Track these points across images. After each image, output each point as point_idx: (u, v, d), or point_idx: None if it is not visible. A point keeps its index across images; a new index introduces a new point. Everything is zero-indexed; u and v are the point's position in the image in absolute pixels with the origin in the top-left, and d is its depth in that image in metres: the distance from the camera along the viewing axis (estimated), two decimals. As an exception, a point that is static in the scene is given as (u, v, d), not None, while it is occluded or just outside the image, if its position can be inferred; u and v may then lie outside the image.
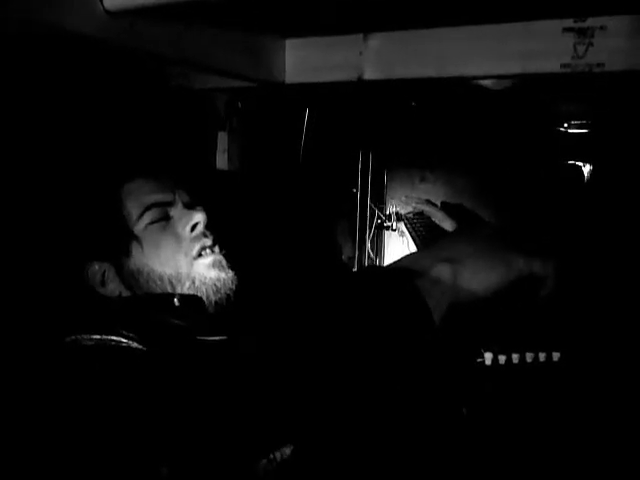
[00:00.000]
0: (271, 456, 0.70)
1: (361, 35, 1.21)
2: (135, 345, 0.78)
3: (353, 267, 2.01)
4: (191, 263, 0.90)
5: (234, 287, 0.92)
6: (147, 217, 0.89)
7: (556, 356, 1.07)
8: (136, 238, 0.88)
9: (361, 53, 1.21)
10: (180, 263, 0.89)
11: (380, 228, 2.01)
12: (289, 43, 1.30)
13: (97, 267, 0.89)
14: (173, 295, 0.87)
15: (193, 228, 0.91)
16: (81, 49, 1.03)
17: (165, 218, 0.91)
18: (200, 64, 1.14)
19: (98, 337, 0.78)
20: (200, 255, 0.91)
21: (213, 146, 1.50)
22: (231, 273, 0.92)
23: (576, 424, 1.08)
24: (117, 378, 0.73)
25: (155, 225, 0.90)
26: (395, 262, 0.76)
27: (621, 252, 1.56)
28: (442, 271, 0.71)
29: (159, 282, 0.88)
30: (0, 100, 1.05)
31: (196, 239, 0.91)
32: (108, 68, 1.18)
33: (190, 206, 0.94)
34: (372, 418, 0.81)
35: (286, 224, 1.67)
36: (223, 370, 0.76)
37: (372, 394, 0.74)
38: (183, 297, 0.87)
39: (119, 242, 0.89)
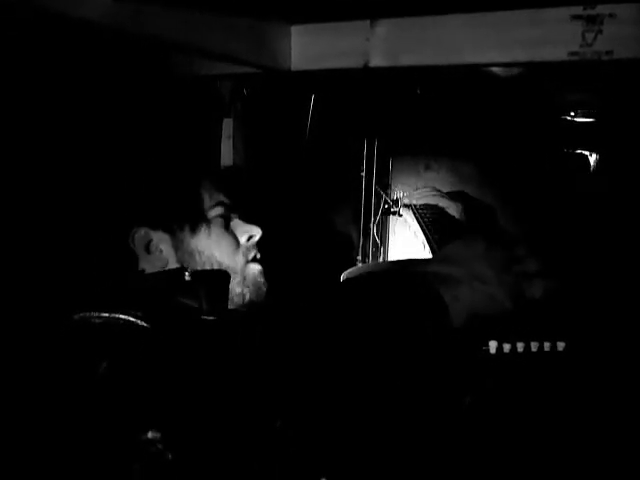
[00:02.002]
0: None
1: (368, 21, 1.21)
2: (142, 323, 0.79)
3: (358, 254, 2.01)
4: (245, 264, 0.97)
5: (265, 297, 0.99)
6: (217, 210, 0.96)
7: (561, 346, 1.07)
8: (207, 221, 0.95)
9: (368, 39, 1.21)
10: (238, 259, 0.96)
11: (387, 213, 2.01)
12: (295, 29, 1.29)
13: (143, 232, 0.91)
14: (184, 269, 0.89)
15: (249, 239, 0.99)
16: (87, 36, 1.03)
17: (227, 219, 0.98)
18: (205, 50, 1.13)
19: (106, 315, 0.79)
20: (254, 260, 0.99)
21: (218, 133, 1.50)
22: (266, 285, 0.99)
23: (580, 414, 1.08)
24: (124, 355, 0.75)
25: (221, 220, 0.97)
26: (416, 265, 0.83)
27: (627, 242, 1.56)
28: (462, 291, 0.80)
29: (216, 266, 0.94)
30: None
31: (252, 248, 0.99)
32: (113, 55, 1.18)
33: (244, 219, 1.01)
34: (374, 406, 0.81)
35: (291, 213, 1.67)
36: (224, 350, 0.77)
37: (375, 383, 0.75)
38: (194, 272, 0.89)
39: (190, 218, 0.93)
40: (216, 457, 0.70)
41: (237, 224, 0.99)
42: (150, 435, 0.68)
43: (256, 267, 0.98)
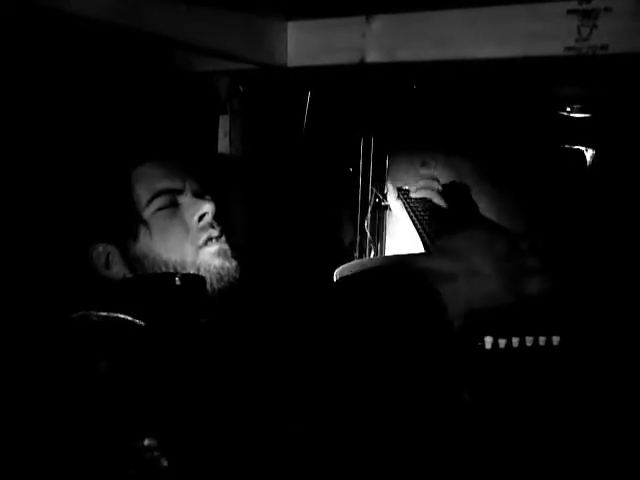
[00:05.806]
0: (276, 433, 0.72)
1: (364, 17, 1.21)
2: (140, 322, 0.79)
3: (355, 251, 2.01)
4: (197, 251, 0.91)
5: (237, 276, 0.93)
6: (156, 203, 0.90)
7: (556, 340, 1.07)
8: (145, 223, 0.89)
9: (364, 35, 1.21)
10: (186, 251, 0.90)
11: (378, 207, 1.99)
12: (291, 25, 1.29)
13: (101, 249, 0.90)
14: (175, 274, 0.87)
15: (201, 218, 0.92)
16: (84, 31, 1.03)
17: (174, 205, 0.92)
18: (202, 46, 1.13)
19: (105, 314, 0.79)
20: (206, 244, 0.92)
21: (215, 130, 1.50)
22: (235, 262, 0.93)
23: (576, 409, 1.09)
24: (125, 350, 0.75)
25: (164, 211, 0.90)
26: (411, 260, 0.78)
27: (623, 238, 1.56)
28: (461, 283, 0.74)
29: (164, 268, 0.89)
30: (7, 84, 1.05)
31: (203, 229, 0.92)
32: (111, 51, 1.17)
33: (199, 195, 0.94)
34: (374, 404, 0.82)
35: (288, 210, 1.67)
36: (225, 351, 0.77)
37: (375, 382, 0.75)
38: (184, 276, 0.88)
39: (127, 225, 0.89)
40: (214, 461, 0.70)
41: (185, 206, 0.92)
42: (146, 442, 0.68)
43: (209, 250, 0.91)
